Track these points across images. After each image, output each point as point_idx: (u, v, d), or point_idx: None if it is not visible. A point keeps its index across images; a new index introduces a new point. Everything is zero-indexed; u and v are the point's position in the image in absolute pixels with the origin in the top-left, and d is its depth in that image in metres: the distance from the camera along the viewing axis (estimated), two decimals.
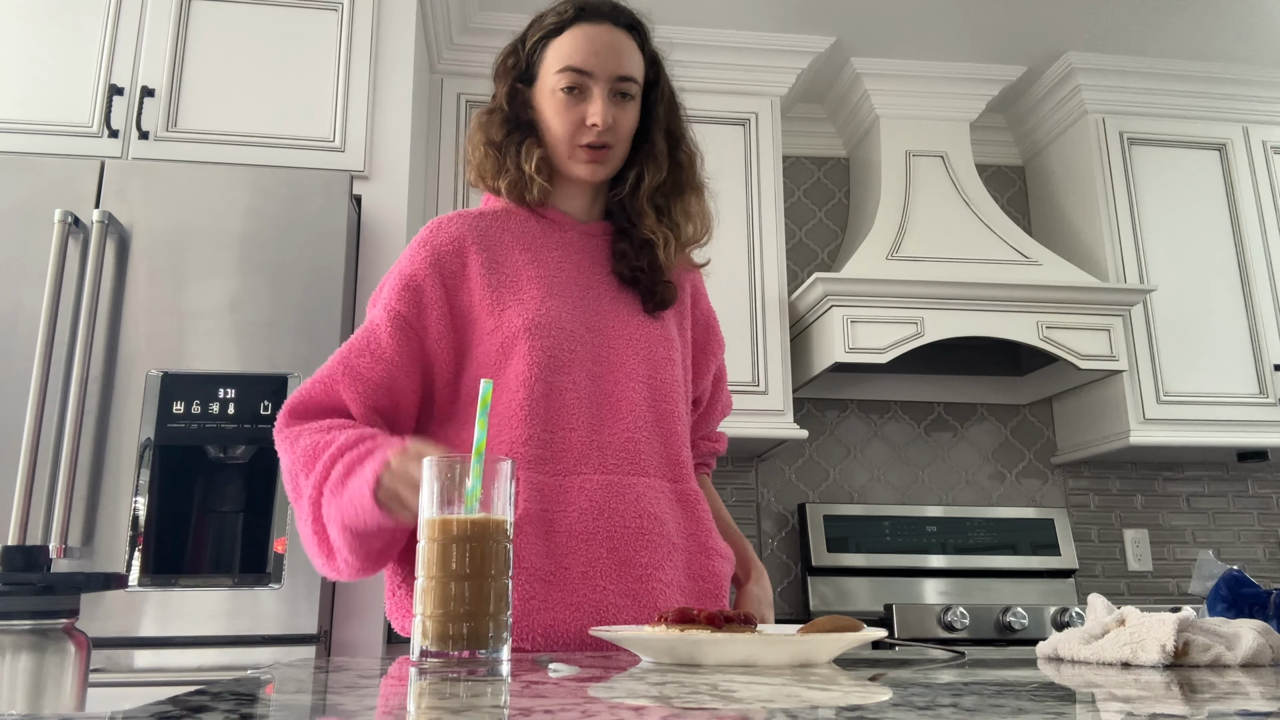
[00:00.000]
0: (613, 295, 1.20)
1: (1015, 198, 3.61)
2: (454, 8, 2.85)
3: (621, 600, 1.05)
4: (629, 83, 1.18)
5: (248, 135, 2.25)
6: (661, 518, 1.11)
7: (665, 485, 1.14)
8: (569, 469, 1.08)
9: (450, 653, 0.77)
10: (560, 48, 1.17)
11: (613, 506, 1.08)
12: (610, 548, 1.06)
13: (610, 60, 1.16)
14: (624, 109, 1.19)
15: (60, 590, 0.69)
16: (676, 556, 1.11)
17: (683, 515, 1.15)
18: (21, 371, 1.89)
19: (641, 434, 1.13)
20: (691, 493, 1.17)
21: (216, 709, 0.48)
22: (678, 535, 1.12)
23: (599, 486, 1.08)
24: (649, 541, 1.08)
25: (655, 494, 1.12)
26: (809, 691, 0.56)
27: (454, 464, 0.81)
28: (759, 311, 2.92)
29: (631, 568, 1.06)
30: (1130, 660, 0.76)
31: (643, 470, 1.12)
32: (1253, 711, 0.49)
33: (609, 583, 1.05)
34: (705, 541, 1.15)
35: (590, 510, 1.07)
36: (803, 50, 3.13)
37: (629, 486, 1.09)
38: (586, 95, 1.17)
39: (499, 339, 1.11)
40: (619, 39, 1.18)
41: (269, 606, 1.84)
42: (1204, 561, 1.03)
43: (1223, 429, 2.98)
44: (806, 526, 3.02)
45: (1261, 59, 3.25)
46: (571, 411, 1.10)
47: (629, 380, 1.15)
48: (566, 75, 1.16)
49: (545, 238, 1.21)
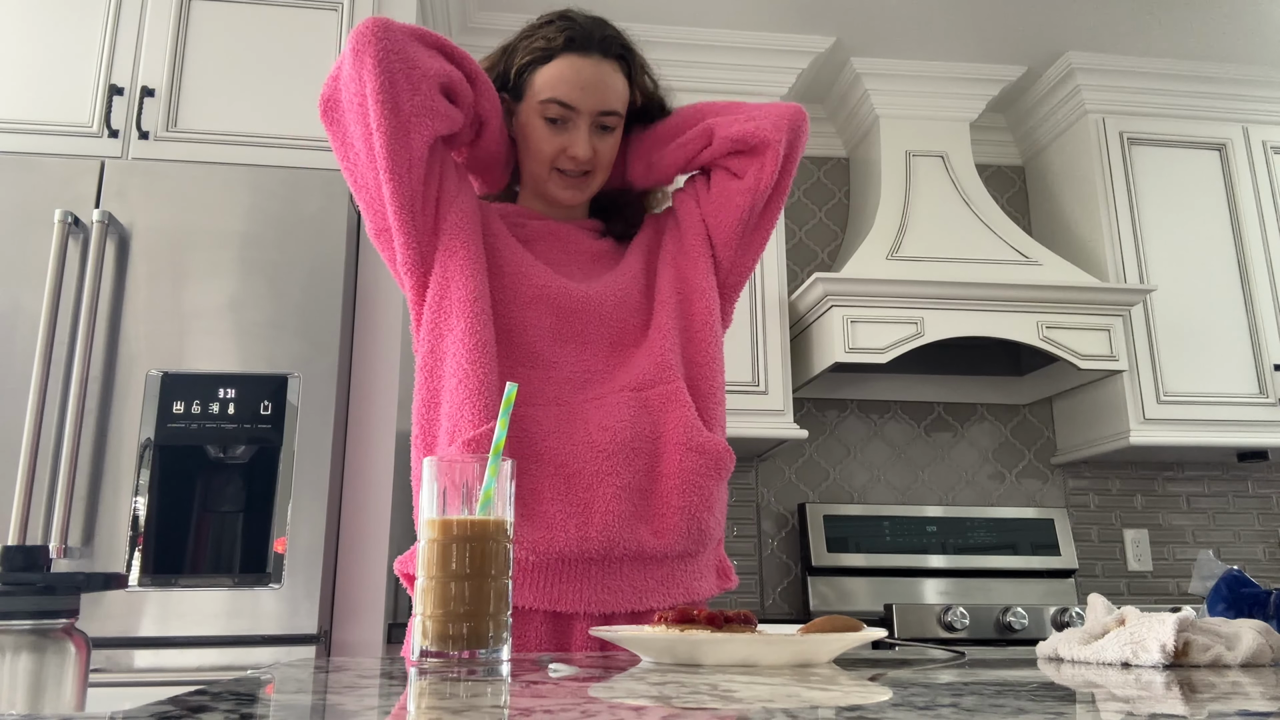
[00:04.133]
0: (586, 259, 1.25)
1: (1015, 198, 3.61)
2: (454, 8, 2.85)
3: (566, 521, 1.07)
4: (612, 116, 1.21)
5: (248, 135, 2.25)
6: (614, 428, 1.11)
7: (624, 395, 1.14)
8: (525, 400, 1.11)
9: (450, 653, 0.77)
10: (547, 76, 1.19)
11: (563, 430, 1.10)
12: (557, 464, 1.09)
13: (595, 96, 1.19)
14: (605, 139, 1.22)
15: (60, 590, 0.69)
16: (637, 460, 1.11)
17: (645, 418, 1.13)
18: (21, 371, 1.89)
19: (596, 362, 1.16)
20: (658, 396, 1.15)
21: (216, 709, 0.48)
22: (639, 441, 1.12)
23: (552, 415, 1.11)
24: (599, 452, 1.10)
25: (608, 406, 1.13)
26: (809, 691, 0.56)
27: (455, 464, 0.81)
28: (759, 311, 2.92)
29: (580, 479, 1.09)
30: (1130, 660, 0.76)
31: (598, 396, 1.14)
32: (1253, 711, 0.49)
33: (554, 505, 1.08)
34: (675, 438, 1.13)
35: (538, 434, 1.10)
36: (803, 50, 3.13)
37: (581, 405, 1.13)
38: (569, 127, 1.20)
39: (464, 259, 1.13)
40: (605, 73, 1.20)
41: (269, 606, 1.84)
42: (1204, 561, 1.03)
43: (1223, 429, 2.98)
44: (806, 526, 3.02)
45: (1261, 59, 3.25)
46: (529, 350, 1.14)
47: (591, 316, 1.18)
48: (551, 106, 1.19)
49: (523, 216, 1.26)
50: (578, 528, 1.07)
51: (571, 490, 1.08)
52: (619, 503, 1.08)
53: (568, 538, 1.06)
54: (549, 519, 1.07)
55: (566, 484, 1.09)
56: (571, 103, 1.18)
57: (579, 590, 1.08)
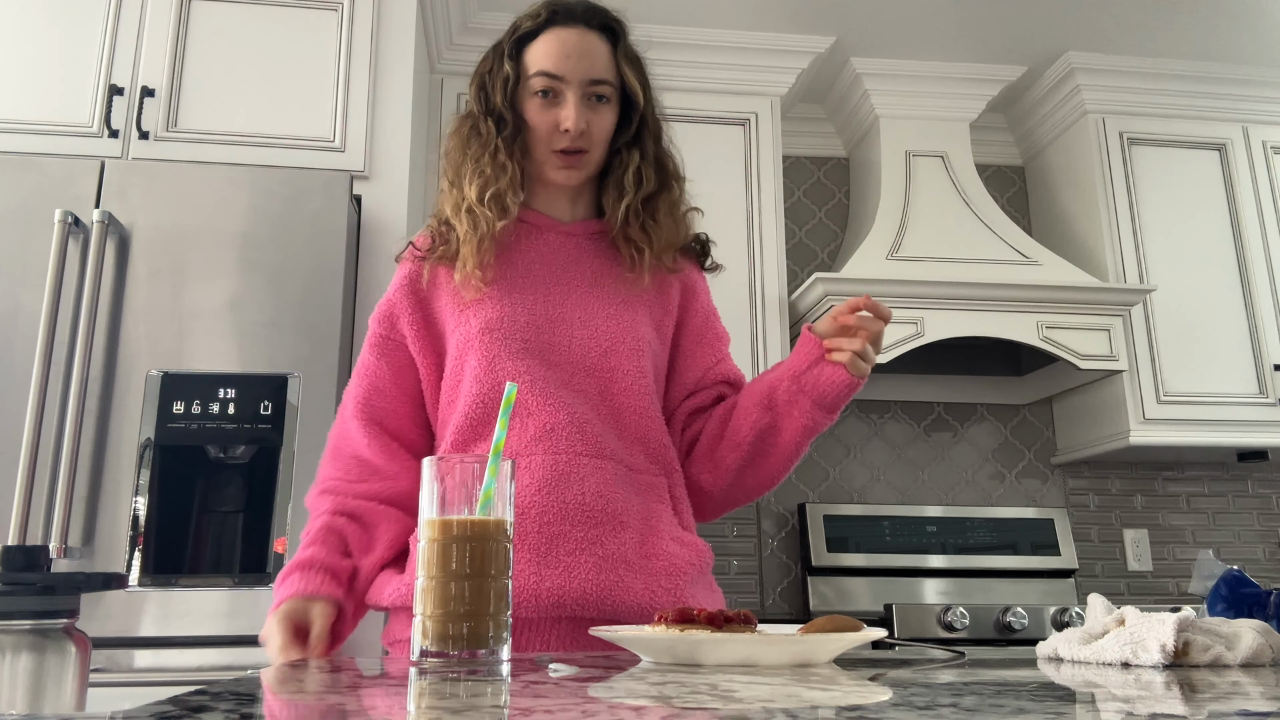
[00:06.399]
0: (582, 293, 1.22)
1: (1015, 198, 3.61)
2: (454, 8, 2.85)
3: (547, 572, 1.07)
4: (603, 85, 1.20)
5: (248, 135, 2.25)
6: (609, 496, 1.12)
7: (619, 469, 1.15)
8: (521, 450, 1.12)
9: (450, 653, 0.77)
10: (534, 52, 1.20)
11: (554, 485, 1.10)
12: (544, 521, 1.09)
13: (582, 64, 1.18)
14: (598, 112, 1.20)
15: (60, 590, 0.69)
16: (624, 535, 1.11)
17: (636, 498, 1.15)
18: (21, 371, 1.89)
19: (592, 420, 1.15)
20: (648, 483, 1.17)
21: (216, 709, 0.48)
22: (627, 515, 1.12)
23: (545, 466, 1.11)
24: (589, 518, 1.10)
25: (604, 475, 1.13)
26: (809, 691, 0.56)
27: (455, 464, 0.81)
28: (759, 311, 2.92)
29: (564, 541, 1.08)
30: (1130, 660, 0.76)
31: (594, 452, 1.13)
32: (1253, 711, 0.49)
33: (546, 551, 1.08)
34: (658, 526, 1.15)
35: (532, 486, 1.10)
36: (803, 50, 3.13)
37: (577, 465, 1.12)
38: (560, 100, 1.19)
39: (460, 339, 1.18)
40: (591, 42, 1.20)
41: (269, 606, 1.84)
42: (1204, 561, 1.03)
43: (1223, 429, 2.98)
44: (806, 526, 3.02)
45: (1261, 59, 3.25)
46: (521, 400, 1.14)
47: (594, 372, 1.17)
48: (540, 80, 1.19)
49: (519, 241, 1.24)
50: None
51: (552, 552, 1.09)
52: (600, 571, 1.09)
53: None
54: None
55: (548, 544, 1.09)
56: (557, 72, 1.18)
57: (544, 644, 1.09)
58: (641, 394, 1.20)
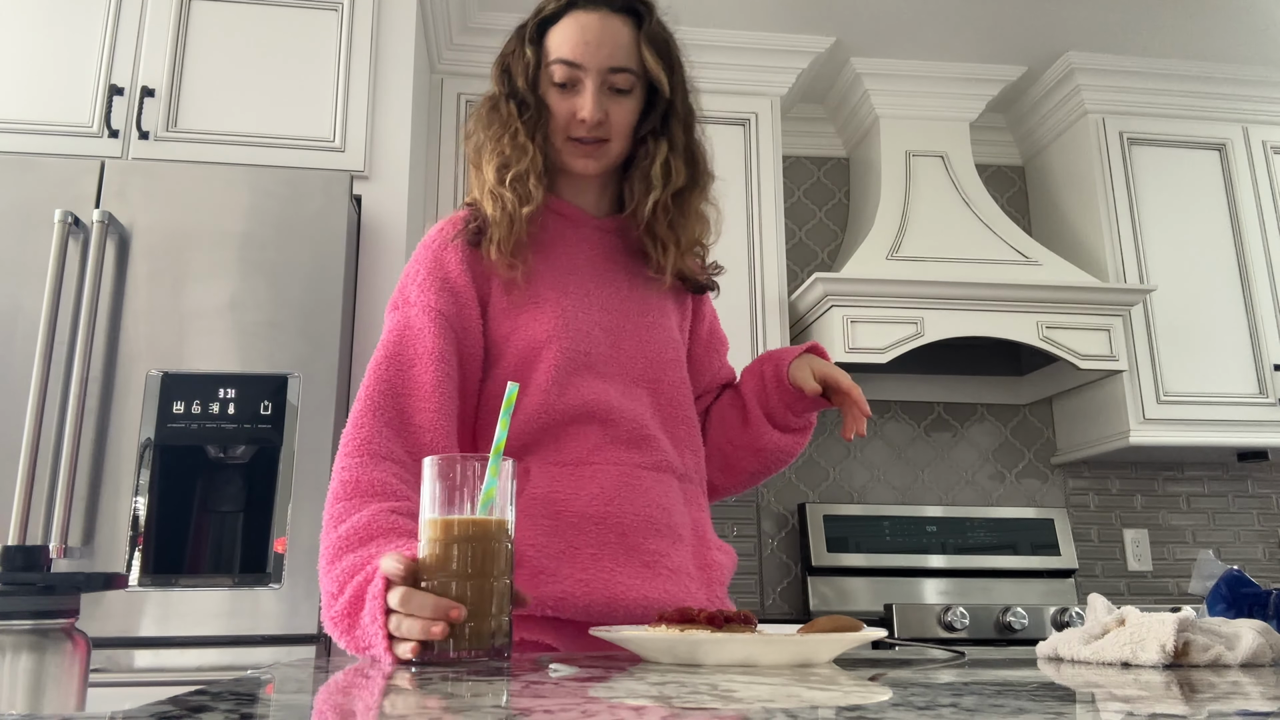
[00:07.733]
0: (624, 294, 1.20)
1: (1015, 198, 3.61)
2: (454, 8, 2.85)
3: (630, 580, 1.06)
4: (624, 74, 1.14)
5: (248, 135, 2.25)
6: (670, 509, 1.13)
7: (673, 480, 1.16)
8: (583, 459, 1.10)
9: (450, 653, 0.77)
10: (554, 38, 1.15)
11: (623, 495, 1.09)
12: (620, 533, 1.08)
13: (601, 51, 1.13)
14: (619, 102, 1.15)
15: (60, 590, 0.69)
16: (682, 546, 1.13)
17: (686, 509, 1.17)
18: (21, 371, 1.89)
19: (651, 429, 1.14)
20: (693, 492, 1.20)
21: (216, 709, 0.48)
22: (683, 528, 1.14)
23: (611, 476, 1.09)
24: (656, 530, 1.10)
25: (664, 487, 1.13)
26: (809, 691, 0.56)
27: (455, 464, 0.81)
28: (759, 311, 2.92)
29: (639, 553, 1.08)
30: (1130, 660, 0.76)
31: (653, 465, 1.13)
32: (1253, 711, 0.49)
33: (617, 565, 1.06)
34: (705, 535, 1.18)
35: (600, 497, 1.08)
36: (803, 50, 3.13)
37: (639, 478, 1.11)
38: (579, 88, 1.14)
39: (522, 343, 1.11)
40: (612, 27, 1.14)
41: (269, 606, 1.84)
42: (1204, 561, 1.03)
43: (1223, 429, 2.98)
44: (806, 526, 3.02)
45: (1261, 59, 3.25)
46: (589, 409, 1.11)
47: (641, 380, 1.17)
48: (559, 68, 1.13)
49: (560, 235, 1.19)
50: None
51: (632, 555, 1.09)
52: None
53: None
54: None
55: (628, 552, 1.08)
56: (576, 59, 1.12)
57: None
58: (688, 404, 1.21)
